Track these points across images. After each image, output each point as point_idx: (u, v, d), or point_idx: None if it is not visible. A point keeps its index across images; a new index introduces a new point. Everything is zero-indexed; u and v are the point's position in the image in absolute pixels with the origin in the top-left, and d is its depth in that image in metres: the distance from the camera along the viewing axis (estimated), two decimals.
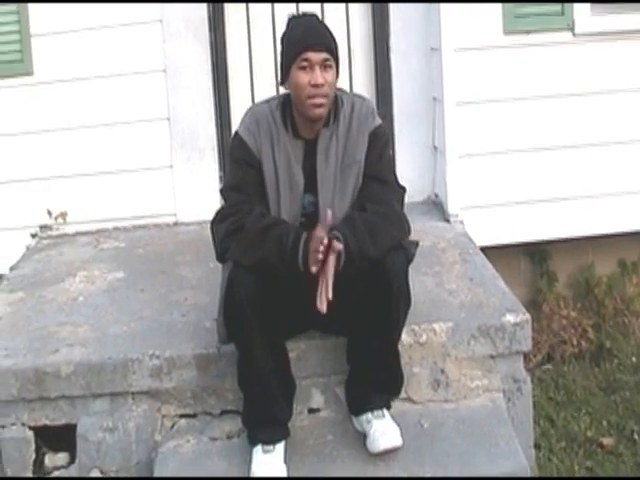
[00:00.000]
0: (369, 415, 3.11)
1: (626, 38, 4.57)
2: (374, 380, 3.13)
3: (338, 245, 2.83)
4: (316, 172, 3.08)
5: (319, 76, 2.95)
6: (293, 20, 3.10)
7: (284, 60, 3.03)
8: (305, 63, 2.95)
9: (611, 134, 4.62)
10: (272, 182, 3.06)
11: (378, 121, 3.15)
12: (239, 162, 3.09)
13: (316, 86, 2.95)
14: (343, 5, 4.76)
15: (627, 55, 4.60)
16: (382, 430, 3.07)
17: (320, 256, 2.82)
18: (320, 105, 2.98)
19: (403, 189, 3.16)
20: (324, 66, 2.96)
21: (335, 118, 3.09)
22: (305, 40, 2.96)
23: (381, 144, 3.13)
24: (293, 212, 3.08)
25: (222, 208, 3.09)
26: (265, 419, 3.07)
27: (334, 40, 3.03)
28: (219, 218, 3.06)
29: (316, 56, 2.95)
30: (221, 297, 3.07)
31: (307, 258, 2.87)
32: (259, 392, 3.05)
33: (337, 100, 3.10)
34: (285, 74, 3.03)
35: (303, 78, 2.96)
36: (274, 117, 3.08)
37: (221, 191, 3.14)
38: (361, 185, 3.09)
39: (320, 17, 3.05)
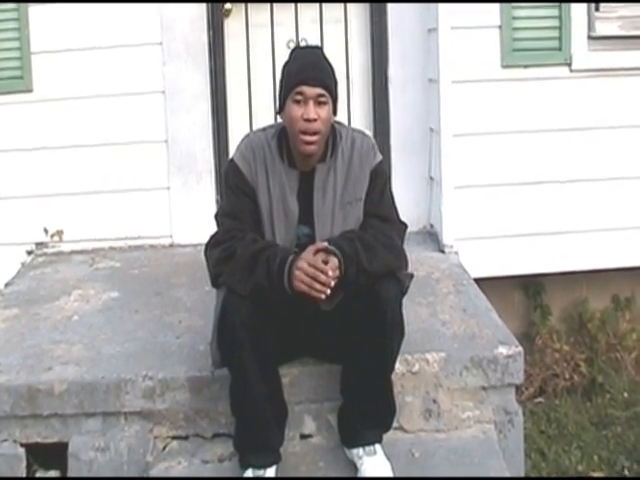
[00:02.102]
0: (360, 451, 3.09)
1: (623, 75, 4.61)
2: (366, 414, 3.10)
3: (327, 248, 2.89)
4: (312, 206, 3.07)
5: (312, 111, 2.93)
6: (296, 51, 3.09)
7: (281, 90, 3.03)
8: (299, 97, 2.94)
9: (607, 170, 4.65)
10: (267, 210, 3.05)
11: (379, 157, 3.13)
12: (233, 189, 3.07)
13: (308, 120, 2.94)
14: (343, 34, 4.80)
15: (624, 91, 4.63)
16: (372, 469, 3.05)
17: (306, 276, 2.85)
18: (311, 142, 2.96)
19: (404, 225, 3.15)
20: (318, 102, 2.95)
21: (333, 152, 3.07)
22: (301, 74, 2.95)
23: (382, 181, 3.12)
24: (288, 241, 3.06)
25: (216, 234, 3.07)
26: (257, 444, 3.05)
27: (333, 77, 3.02)
28: (212, 244, 3.05)
29: (310, 91, 2.94)
30: (215, 322, 3.05)
31: (292, 279, 2.88)
32: (251, 417, 3.03)
33: (335, 133, 3.09)
34: (281, 104, 3.03)
35: (296, 111, 2.95)
36: (270, 146, 3.07)
37: (215, 216, 3.11)
38: (362, 222, 3.08)
39: (319, 44, 3.05)
